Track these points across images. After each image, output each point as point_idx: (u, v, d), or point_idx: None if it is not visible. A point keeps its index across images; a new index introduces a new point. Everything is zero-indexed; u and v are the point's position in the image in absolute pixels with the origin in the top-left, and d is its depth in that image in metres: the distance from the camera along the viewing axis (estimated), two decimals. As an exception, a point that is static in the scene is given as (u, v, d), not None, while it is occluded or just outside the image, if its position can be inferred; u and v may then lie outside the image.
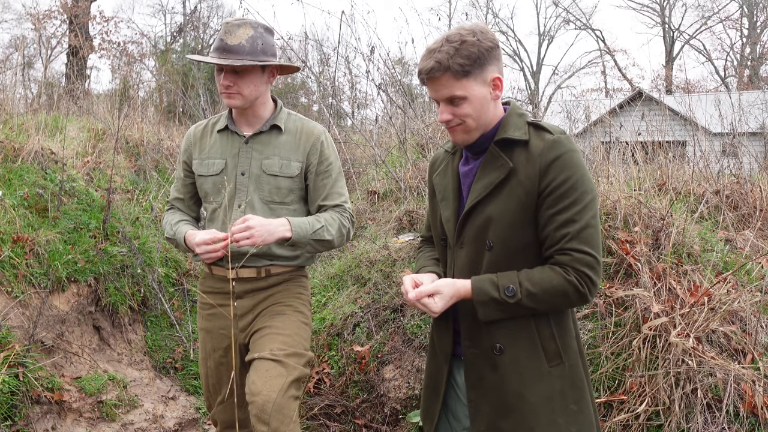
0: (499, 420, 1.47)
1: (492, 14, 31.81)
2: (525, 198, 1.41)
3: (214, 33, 28.20)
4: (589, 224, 1.39)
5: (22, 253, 3.35)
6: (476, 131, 1.48)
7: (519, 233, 1.43)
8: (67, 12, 18.49)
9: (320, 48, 12.42)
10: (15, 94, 6.01)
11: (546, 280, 1.39)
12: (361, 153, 7.32)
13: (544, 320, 1.46)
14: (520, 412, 1.45)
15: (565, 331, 1.49)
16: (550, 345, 1.46)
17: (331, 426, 3.10)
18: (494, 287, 1.40)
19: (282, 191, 2.03)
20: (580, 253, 1.37)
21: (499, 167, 1.45)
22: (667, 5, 29.63)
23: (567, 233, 1.38)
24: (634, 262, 2.89)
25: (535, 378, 1.45)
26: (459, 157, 1.60)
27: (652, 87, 25.22)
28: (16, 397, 2.76)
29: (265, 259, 2.04)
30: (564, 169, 1.38)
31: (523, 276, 1.41)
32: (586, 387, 1.50)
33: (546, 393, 1.45)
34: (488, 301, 1.40)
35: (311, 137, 2.05)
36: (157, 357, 3.84)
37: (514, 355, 1.45)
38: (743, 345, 2.51)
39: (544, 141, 1.42)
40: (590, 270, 1.38)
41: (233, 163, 2.03)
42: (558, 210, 1.39)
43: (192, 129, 2.18)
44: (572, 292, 1.38)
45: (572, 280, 1.37)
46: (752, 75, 24.54)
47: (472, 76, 1.42)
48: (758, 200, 3.97)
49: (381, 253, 4.03)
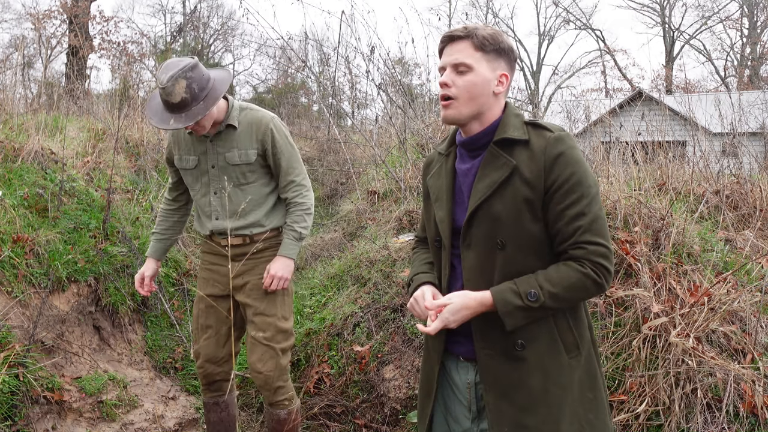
0: (525, 418, 1.47)
1: (492, 14, 31.82)
2: (531, 195, 1.43)
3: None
4: (598, 216, 1.44)
5: (22, 253, 3.36)
6: (464, 112, 1.49)
7: (529, 230, 1.45)
8: (67, 12, 18.50)
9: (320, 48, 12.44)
10: (15, 94, 6.00)
11: (565, 278, 1.41)
12: (361, 153, 7.33)
13: (560, 313, 1.49)
14: (547, 406, 1.46)
15: (580, 322, 1.53)
16: (568, 337, 1.49)
17: (331, 426, 3.10)
18: (516, 296, 1.41)
19: (246, 175, 2.46)
20: (593, 245, 1.41)
21: (501, 166, 1.46)
22: (667, 5, 29.64)
23: (579, 226, 1.41)
24: (634, 262, 2.89)
25: (557, 371, 1.47)
26: (453, 158, 1.61)
27: (652, 87, 25.24)
28: (16, 397, 2.76)
29: (247, 230, 2.50)
30: (568, 165, 1.42)
31: (541, 278, 1.42)
32: (599, 375, 1.55)
33: (567, 384, 1.48)
34: (513, 310, 1.41)
35: (261, 127, 2.44)
36: (157, 357, 3.84)
37: (535, 350, 1.47)
38: (743, 345, 2.51)
39: (546, 139, 1.44)
40: (605, 260, 1.42)
41: (204, 159, 2.47)
42: (567, 205, 1.42)
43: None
44: (591, 285, 1.42)
45: (589, 272, 1.41)
46: (752, 75, 24.55)
47: (486, 56, 1.48)
48: (758, 200, 3.97)
49: (381, 253, 4.04)
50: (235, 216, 2.45)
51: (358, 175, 6.42)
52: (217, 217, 2.49)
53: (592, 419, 1.50)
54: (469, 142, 1.54)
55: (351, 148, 7.40)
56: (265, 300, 2.50)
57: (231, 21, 28.45)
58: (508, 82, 1.52)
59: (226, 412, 2.68)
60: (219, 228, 2.49)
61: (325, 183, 7.30)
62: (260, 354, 2.48)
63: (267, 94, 22.96)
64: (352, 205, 5.70)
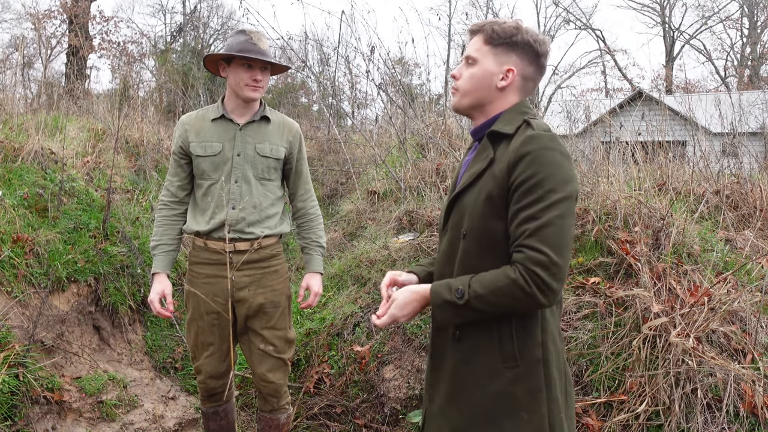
0: (448, 406, 1.49)
1: (492, 14, 31.80)
2: (495, 190, 1.40)
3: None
4: (551, 222, 1.31)
5: (22, 253, 3.35)
6: (464, 102, 1.54)
7: (488, 225, 1.41)
8: (67, 12, 18.49)
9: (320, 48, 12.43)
10: (15, 94, 6.00)
11: (493, 281, 1.35)
12: (361, 153, 7.33)
13: (505, 320, 1.42)
14: (468, 402, 1.45)
15: (527, 336, 1.42)
16: (506, 345, 1.42)
17: (331, 426, 3.10)
18: (447, 290, 1.40)
19: (270, 170, 2.45)
20: (533, 250, 1.30)
21: (484, 158, 1.47)
22: (667, 5, 29.62)
23: (526, 230, 1.33)
24: (634, 262, 2.89)
25: (485, 372, 1.43)
26: (468, 149, 1.67)
27: (652, 87, 25.21)
28: (16, 397, 2.76)
29: (260, 227, 2.42)
30: (532, 165, 1.34)
31: (475, 278, 1.38)
32: (544, 399, 1.41)
33: (495, 391, 1.42)
34: (442, 303, 1.40)
35: (293, 130, 2.53)
36: (157, 357, 3.84)
37: (470, 345, 1.46)
38: (743, 345, 2.51)
39: (524, 136, 1.39)
40: (542, 270, 1.29)
41: (230, 146, 2.40)
42: (522, 206, 1.34)
43: (184, 117, 2.51)
44: (519, 293, 1.31)
45: (518, 278, 1.31)
46: (752, 75, 24.54)
47: (494, 49, 1.50)
48: (758, 200, 3.97)
49: (381, 253, 4.04)
50: (254, 207, 2.39)
51: (358, 175, 6.42)
52: (234, 206, 2.37)
53: None
54: (473, 133, 1.59)
55: (351, 148, 7.40)
56: (276, 314, 2.46)
57: (231, 21, 28.45)
58: (514, 76, 1.49)
59: (225, 420, 2.65)
60: (233, 218, 2.35)
61: (325, 183, 7.30)
62: (270, 365, 2.47)
63: (267, 93, 22.95)
64: (352, 205, 5.70)
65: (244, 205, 2.37)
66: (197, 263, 2.45)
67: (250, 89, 2.35)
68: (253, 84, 2.34)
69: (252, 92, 2.35)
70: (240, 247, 2.38)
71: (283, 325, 2.48)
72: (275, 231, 2.47)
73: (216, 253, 2.40)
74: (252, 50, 2.32)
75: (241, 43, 2.33)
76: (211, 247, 2.40)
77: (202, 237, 2.41)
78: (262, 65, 2.35)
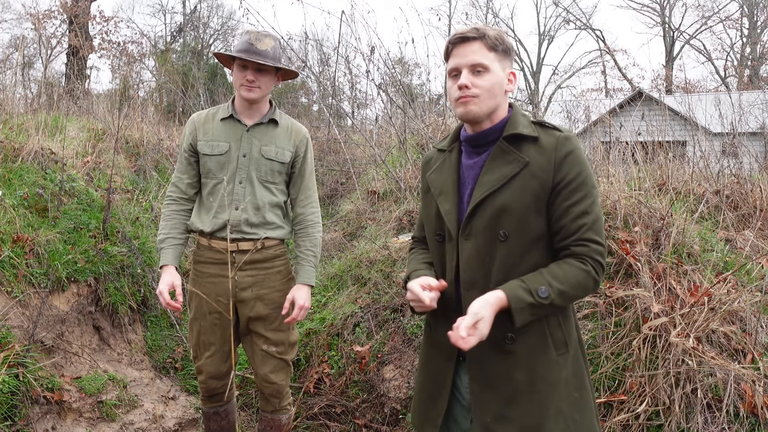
0: (507, 409, 1.49)
1: (492, 14, 31.82)
2: (539, 189, 1.48)
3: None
4: (599, 216, 1.50)
5: (22, 253, 3.35)
6: (484, 109, 1.54)
7: (532, 224, 1.49)
8: (67, 12, 18.50)
9: (320, 48, 12.43)
10: (15, 94, 6.01)
11: (571, 275, 1.45)
12: (361, 153, 7.33)
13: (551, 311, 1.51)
14: (530, 400, 1.48)
15: (568, 320, 1.56)
16: (557, 333, 1.52)
17: (331, 426, 3.10)
18: (527, 292, 1.43)
19: (274, 173, 2.44)
20: (595, 243, 1.47)
21: (511, 161, 1.51)
22: (667, 5, 29.63)
23: (584, 224, 1.47)
24: (634, 262, 2.89)
25: (544, 366, 1.50)
26: (458, 153, 1.65)
27: (652, 87, 25.24)
28: (16, 397, 2.76)
29: (263, 230, 2.42)
30: (576, 164, 1.48)
31: (548, 276, 1.45)
32: (585, 376, 1.57)
33: (554, 380, 1.49)
34: (525, 307, 1.42)
35: (300, 134, 2.51)
36: (157, 357, 3.84)
37: (524, 345, 1.50)
38: (743, 345, 2.51)
39: (556, 137, 1.51)
40: (603, 258, 1.48)
41: (236, 146, 2.42)
42: (573, 202, 1.47)
43: (195, 116, 2.53)
44: (591, 282, 1.47)
45: (590, 270, 1.46)
46: (752, 75, 24.54)
47: (498, 56, 1.54)
48: (758, 200, 3.97)
49: (381, 253, 4.04)
50: (256, 209, 2.38)
51: (358, 175, 6.42)
52: (237, 207, 2.36)
53: (578, 419, 1.51)
54: (475, 138, 1.58)
55: (351, 148, 7.40)
56: (279, 315, 2.45)
57: (231, 21, 28.48)
58: (515, 77, 1.58)
59: (226, 420, 2.65)
60: (236, 219, 2.36)
61: (325, 183, 7.30)
62: (273, 366, 2.48)
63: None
64: (352, 205, 5.70)
65: (246, 206, 2.38)
66: (201, 262, 2.46)
67: (245, 89, 2.34)
68: (247, 84, 2.33)
69: (246, 92, 2.34)
70: (243, 247, 2.39)
71: (285, 326, 2.48)
72: (276, 234, 2.45)
73: (220, 252, 2.41)
74: (248, 51, 2.32)
75: (240, 44, 2.34)
76: (215, 246, 2.42)
77: (206, 236, 2.43)
78: (256, 66, 2.33)
